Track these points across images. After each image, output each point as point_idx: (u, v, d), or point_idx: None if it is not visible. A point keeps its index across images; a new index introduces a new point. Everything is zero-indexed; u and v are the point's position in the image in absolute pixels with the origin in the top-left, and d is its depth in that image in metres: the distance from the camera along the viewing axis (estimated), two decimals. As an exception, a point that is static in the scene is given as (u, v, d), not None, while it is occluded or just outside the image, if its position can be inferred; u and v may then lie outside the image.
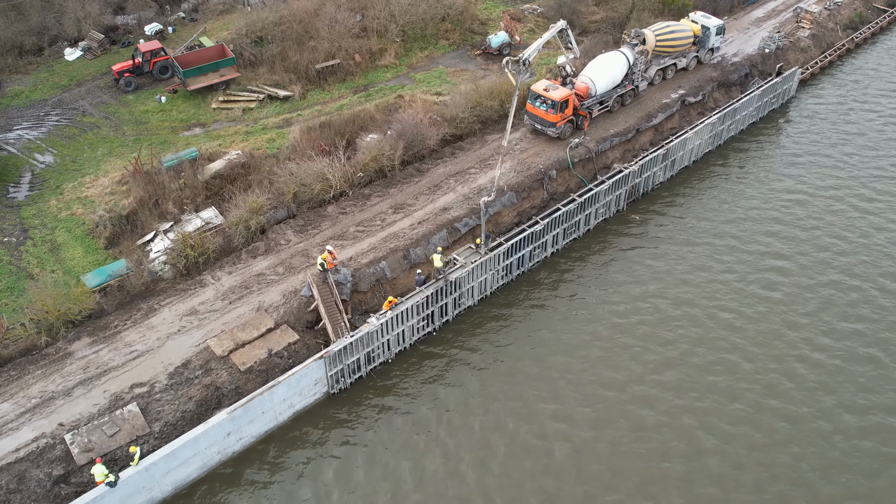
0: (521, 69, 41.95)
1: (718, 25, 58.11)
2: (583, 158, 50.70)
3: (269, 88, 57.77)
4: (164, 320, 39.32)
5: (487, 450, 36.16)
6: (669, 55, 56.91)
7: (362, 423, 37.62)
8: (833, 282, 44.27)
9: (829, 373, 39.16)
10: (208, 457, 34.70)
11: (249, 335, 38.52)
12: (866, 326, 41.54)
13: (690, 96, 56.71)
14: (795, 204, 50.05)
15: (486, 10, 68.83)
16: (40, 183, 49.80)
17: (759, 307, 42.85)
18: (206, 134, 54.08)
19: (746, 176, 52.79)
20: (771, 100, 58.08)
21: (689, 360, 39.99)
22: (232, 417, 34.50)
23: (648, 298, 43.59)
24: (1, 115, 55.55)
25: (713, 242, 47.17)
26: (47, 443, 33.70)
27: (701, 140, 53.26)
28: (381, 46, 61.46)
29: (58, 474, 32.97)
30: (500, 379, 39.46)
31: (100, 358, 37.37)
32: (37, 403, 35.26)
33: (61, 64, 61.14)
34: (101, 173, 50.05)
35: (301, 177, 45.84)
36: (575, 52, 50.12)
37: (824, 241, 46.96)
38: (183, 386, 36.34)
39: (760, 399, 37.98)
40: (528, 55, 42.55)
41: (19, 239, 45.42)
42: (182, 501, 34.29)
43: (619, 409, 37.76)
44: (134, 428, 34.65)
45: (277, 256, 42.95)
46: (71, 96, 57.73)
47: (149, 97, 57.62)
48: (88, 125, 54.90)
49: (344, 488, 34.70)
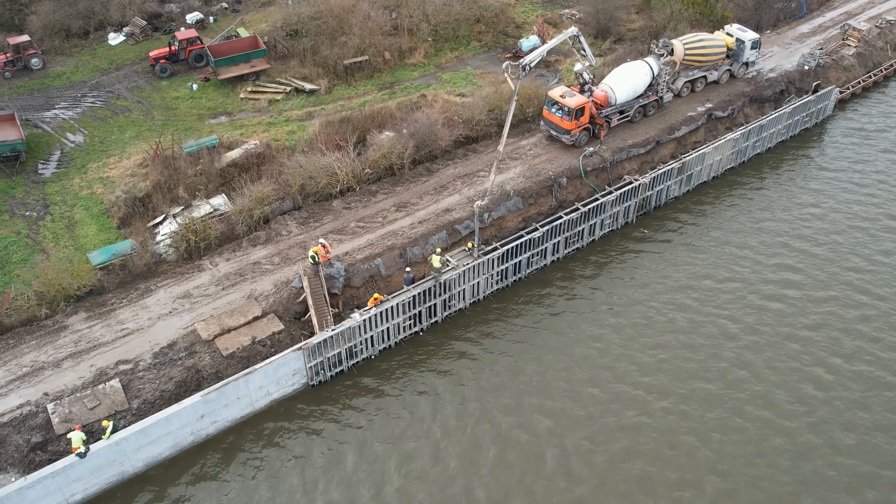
0: (520, 73, 41.69)
1: (754, 39, 56.56)
2: (596, 168, 50.07)
3: (297, 81, 58.79)
4: (158, 301, 40.51)
5: (462, 451, 36.20)
6: (699, 67, 55.67)
7: (338, 417, 38.05)
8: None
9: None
10: (181, 437, 35.63)
11: (236, 321, 39.37)
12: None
13: (718, 110, 55.37)
14: (816, 227, 48.38)
15: (524, 14, 68.46)
16: (68, 161, 51.80)
17: (762, 324, 41.74)
18: (230, 123, 55.39)
19: (767, 196, 51.24)
20: (803, 118, 56.22)
21: (685, 375, 39.27)
22: (206, 400, 35.36)
23: (644, 313, 42.87)
24: (41, 95, 57.98)
25: (715, 266, 46.00)
26: (30, 410, 35.14)
27: (722, 156, 51.96)
28: (412, 45, 61.85)
29: (36, 441, 34.37)
30: (480, 384, 39.36)
31: (92, 333, 38.74)
32: (27, 372, 36.79)
33: (104, 48, 63.41)
34: (126, 155, 51.79)
35: (308, 170, 46.53)
36: (590, 60, 49.53)
37: (846, 275, 45.31)
38: (165, 366, 37.41)
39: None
40: (529, 60, 42.26)
41: (40, 214, 47.36)
42: (150, 480, 35.28)
43: (608, 413, 37.45)
44: (114, 403, 35.83)
45: (276, 246, 43.75)
46: (109, 79, 59.86)
47: (181, 84, 59.32)
48: (121, 108, 56.84)
49: (310, 480, 35.21)
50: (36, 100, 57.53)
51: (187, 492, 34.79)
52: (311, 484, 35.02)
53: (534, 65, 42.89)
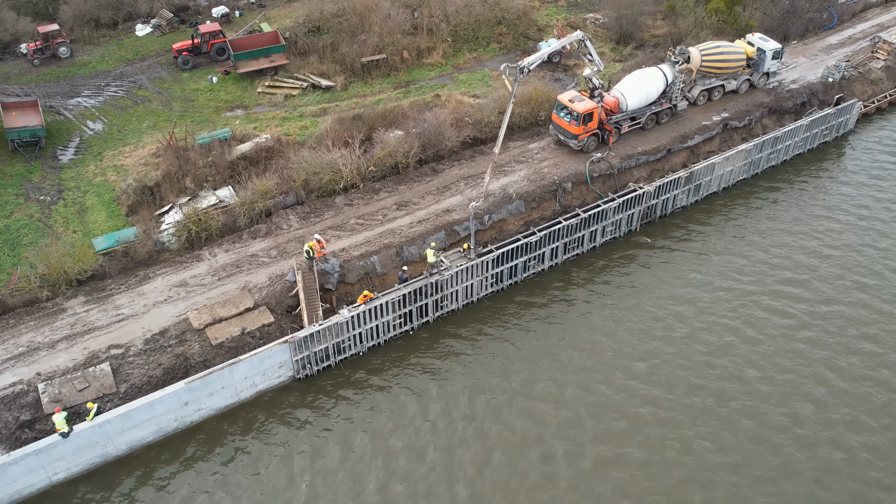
0: (518, 76, 41.54)
1: (775, 49, 55.51)
2: (603, 174, 49.69)
3: (314, 77, 59.41)
4: (155, 289, 41.34)
5: (445, 449, 36.31)
6: (717, 76, 54.84)
7: (323, 411, 38.42)
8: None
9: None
10: (165, 423, 36.34)
11: (228, 312, 40.00)
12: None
13: (735, 120, 54.48)
14: (824, 242, 47.36)
15: (547, 17, 68.14)
16: (85, 148, 53.12)
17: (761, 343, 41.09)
18: (246, 116, 56.24)
19: (776, 209, 50.27)
20: (822, 132, 55.01)
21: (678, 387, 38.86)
22: (189, 388, 36.01)
23: (640, 321, 42.47)
24: (67, 83, 59.54)
25: (716, 277, 45.36)
26: (22, 389, 36.18)
27: (733, 166, 51.14)
28: (430, 45, 62.03)
29: (24, 419, 35.38)
30: (468, 384, 39.38)
31: (89, 316, 39.71)
32: (23, 352, 37.86)
33: (131, 38, 64.86)
34: (141, 145, 52.92)
35: (312, 165, 47.00)
36: (597, 65, 49.12)
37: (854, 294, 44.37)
38: (155, 352, 38.18)
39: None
40: (528, 63, 42.09)
41: (53, 198, 48.66)
42: (134, 463, 36.06)
43: (594, 417, 37.31)
44: (102, 386, 36.71)
45: (275, 240, 44.31)
46: (133, 69, 61.20)
47: (202, 76, 60.38)
48: (141, 98, 58.07)
49: (291, 472, 35.61)
50: (61, 87, 59.10)
51: (169, 477, 35.43)
52: (291, 476, 35.41)
53: (533, 67, 42.71)
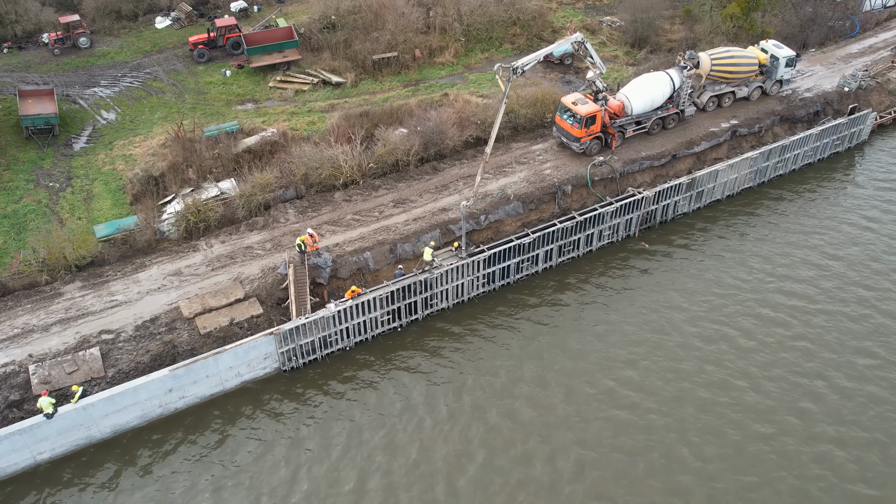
0: (511, 76, 41.47)
1: (789, 57, 54.70)
2: (605, 178, 49.42)
3: (325, 73, 59.94)
4: (150, 276, 42.10)
5: (424, 446, 36.46)
6: (728, 82, 54.21)
7: (306, 403, 38.78)
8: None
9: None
10: (149, 408, 37.01)
11: (218, 302, 40.59)
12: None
13: (744, 128, 53.81)
14: (824, 254, 46.57)
15: (564, 18, 67.88)
16: (97, 137, 54.22)
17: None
18: (256, 110, 56.94)
19: (779, 219, 49.53)
20: (833, 142, 54.10)
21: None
22: (174, 375, 36.63)
23: (631, 326, 42.21)
24: (85, 72, 60.81)
25: (711, 285, 44.87)
26: (13, 370, 37.12)
27: (738, 174, 50.52)
28: (442, 44, 62.18)
29: (13, 399, 36.30)
30: (452, 383, 39.46)
31: (84, 301, 40.59)
32: (17, 333, 38.83)
33: (150, 31, 66.02)
34: (151, 135, 53.86)
35: (312, 160, 47.44)
36: (599, 67, 48.78)
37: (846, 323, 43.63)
38: (145, 339, 38.90)
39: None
40: (521, 64, 42.03)
41: (62, 185, 49.77)
42: (118, 446, 36.79)
43: (577, 422, 37.16)
44: (91, 370, 37.50)
45: (271, 233, 44.84)
46: (149, 61, 62.30)
47: (216, 70, 61.26)
48: (156, 90, 59.10)
49: (270, 461, 36.07)
50: (80, 77, 60.38)
51: (152, 461, 36.02)
52: (273, 465, 35.82)
53: (527, 69, 42.63)
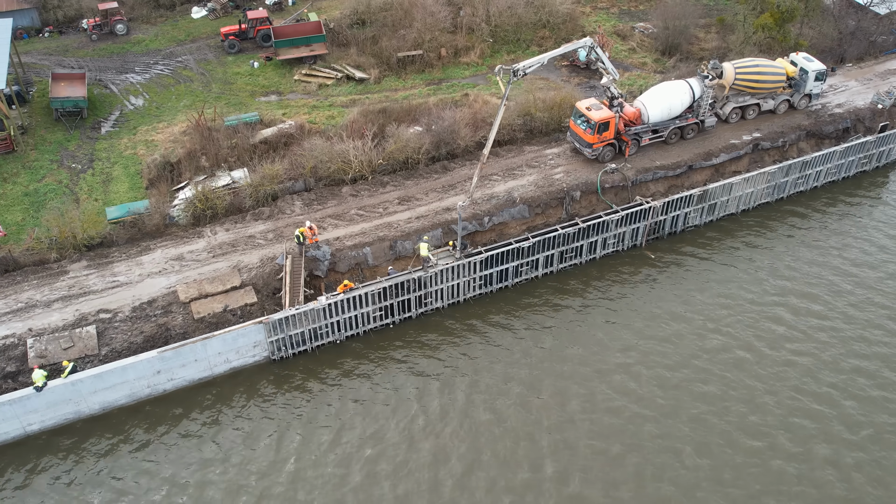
0: (511, 78, 41.18)
1: (819, 70, 53.15)
2: (616, 186, 48.78)
3: (349, 69, 60.43)
4: (153, 260, 43.08)
5: (403, 444, 36.65)
6: (753, 94, 52.96)
7: (293, 392, 39.26)
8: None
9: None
10: (137, 388, 37.89)
11: (214, 289, 41.32)
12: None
13: (767, 141, 52.53)
14: (832, 280, 45.16)
15: (597, 23, 67.11)
16: (123, 122, 55.67)
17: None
18: (278, 102, 57.72)
19: (794, 238, 48.19)
20: (860, 160, 52.41)
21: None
22: (162, 357, 37.44)
23: (626, 338, 41.67)
24: (119, 59, 62.47)
25: (713, 300, 43.94)
26: (12, 342, 38.40)
27: (754, 188, 49.31)
28: (469, 44, 62.12)
29: (9, 370, 37.57)
30: (439, 382, 39.53)
31: (87, 280, 41.76)
32: (21, 307, 40.16)
33: (186, 20, 67.47)
34: (175, 122, 55.05)
35: (322, 153, 47.90)
36: (612, 73, 48.09)
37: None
38: (140, 320, 39.83)
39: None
40: (523, 66, 41.70)
41: (83, 167, 51.24)
42: (106, 423, 37.77)
43: (561, 429, 36.94)
44: (86, 347, 38.57)
45: (275, 223, 45.44)
46: (182, 50, 63.68)
47: (245, 61, 62.31)
48: (184, 78, 60.39)
49: (251, 445, 36.68)
50: (114, 63, 62.05)
51: (138, 438, 36.92)
52: (256, 449, 36.44)
53: (529, 71, 42.30)
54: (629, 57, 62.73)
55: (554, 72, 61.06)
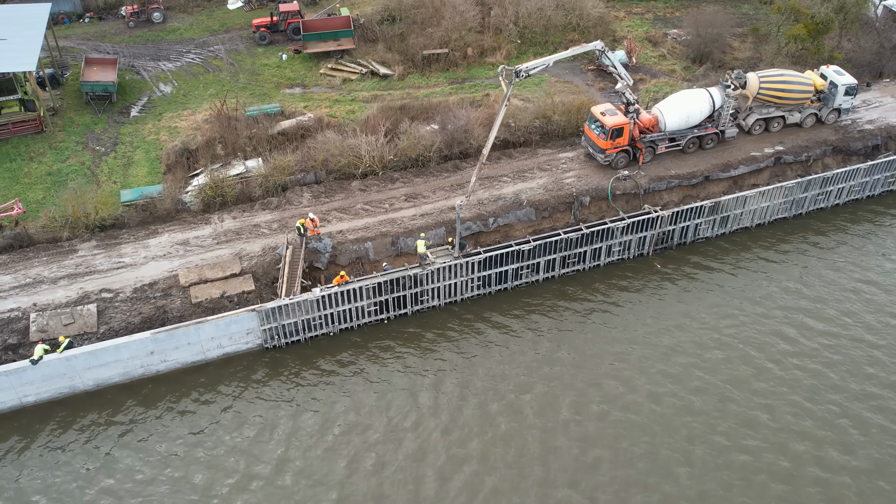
0: (513, 79, 40.87)
1: (849, 85, 51.58)
2: (628, 193, 48.14)
3: (374, 64, 60.80)
4: (159, 243, 44.03)
5: (384, 442, 36.85)
6: (778, 106, 51.65)
7: (283, 380, 39.70)
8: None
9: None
10: (131, 367, 38.79)
11: (214, 275, 42.06)
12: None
13: (789, 155, 51.19)
14: (844, 311, 43.70)
15: (629, 28, 66.16)
16: (150, 108, 56.97)
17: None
18: (302, 95, 58.41)
19: (807, 258, 46.75)
20: (887, 178, 50.69)
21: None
22: (155, 339, 38.26)
23: (620, 348, 41.13)
24: (153, 46, 63.93)
25: (715, 317, 43.00)
26: (16, 315, 39.70)
27: (770, 203, 48.09)
28: (495, 44, 61.90)
29: (11, 343, 38.85)
30: (429, 379, 39.60)
31: (94, 260, 42.90)
32: (28, 283, 41.47)
33: (222, 11, 68.70)
34: (199, 110, 56.12)
35: (332, 147, 48.32)
36: (625, 79, 47.37)
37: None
38: (140, 302, 40.78)
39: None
40: (526, 67, 41.36)
41: (107, 149, 52.61)
42: (99, 399, 38.77)
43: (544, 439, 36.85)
44: (85, 324, 39.65)
45: (281, 213, 46.01)
46: (214, 40, 64.85)
47: (274, 53, 63.15)
48: (214, 67, 61.51)
49: (240, 429, 37.37)
50: (148, 49, 63.51)
51: (128, 414, 37.86)
52: (243, 433, 37.08)
53: (532, 73, 41.94)
54: (658, 63, 61.74)
55: (579, 75, 60.50)
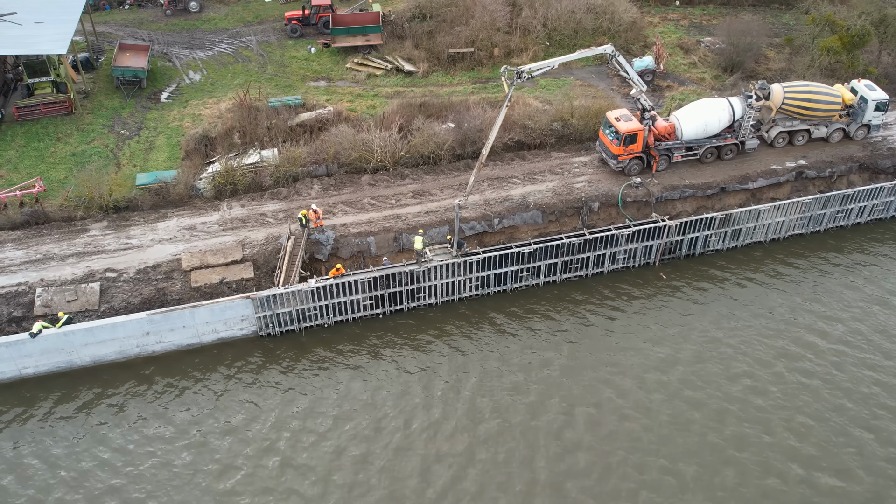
0: (515, 80, 40.51)
1: (881, 100, 49.86)
2: (639, 201, 47.41)
3: (400, 61, 61.01)
4: (167, 227, 44.96)
5: (368, 438, 37.04)
6: (803, 119, 50.24)
7: (275, 368, 40.14)
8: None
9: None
10: (127, 346, 39.69)
11: (216, 260, 42.76)
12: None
13: (812, 170, 49.79)
14: (853, 330, 42.31)
15: (663, 34, 65.07)
16: (177, 95, 58.17)
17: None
18: (326, 88, 58.96)
19: (820, 278, 45.34)
20: (911, 199, 48.97)
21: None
22: (151, 320, 39.09)
23: (615, 358, 40.57)
24: (188, 34, 65.26)
25: (715, 333, 42.01)
26: (23, 289, 40.98)
27: (786, 218, 46.81)
28: (522, 45, 61.54)
29: (15, 315, 40.14)
30: (420, 376, 39.60)
31: (103, 240, 44.02)
32: (38, 258, 42.77)
33: (258, 2, 69.74)
34: (224, 99, 57.09)
35: (344, 141, 48.67)
36: (638, 85, 46.56)
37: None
38: (141, 283, 41.71)
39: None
40: (530, 69, 40.95)
41: (131, 133, 53.91)
42: (95, 375, 39.77)
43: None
44: (88, 302, 40.73)
45: (288, 204, 46.53)
46: (247, 31, 65.88)
47: (303, 46, 63.85)
48: (243, 57, 62.49)
49: (229, 414, 37.96)
50: (182, 38, 64.86)
51: (122, 394, 38.77)
52: (232, 420, 37.64)
53: (536, 74, 41.53)
54: (687, 71, 60.60)
55: (605, 79, 59.77)
